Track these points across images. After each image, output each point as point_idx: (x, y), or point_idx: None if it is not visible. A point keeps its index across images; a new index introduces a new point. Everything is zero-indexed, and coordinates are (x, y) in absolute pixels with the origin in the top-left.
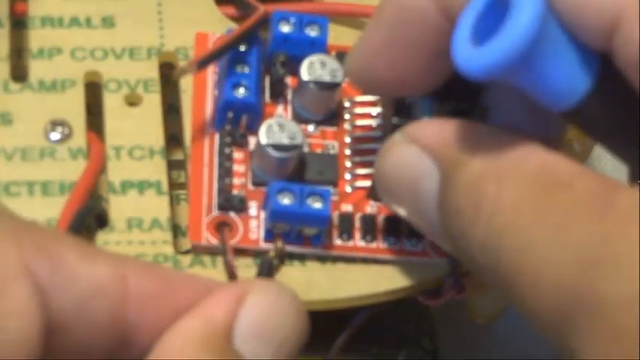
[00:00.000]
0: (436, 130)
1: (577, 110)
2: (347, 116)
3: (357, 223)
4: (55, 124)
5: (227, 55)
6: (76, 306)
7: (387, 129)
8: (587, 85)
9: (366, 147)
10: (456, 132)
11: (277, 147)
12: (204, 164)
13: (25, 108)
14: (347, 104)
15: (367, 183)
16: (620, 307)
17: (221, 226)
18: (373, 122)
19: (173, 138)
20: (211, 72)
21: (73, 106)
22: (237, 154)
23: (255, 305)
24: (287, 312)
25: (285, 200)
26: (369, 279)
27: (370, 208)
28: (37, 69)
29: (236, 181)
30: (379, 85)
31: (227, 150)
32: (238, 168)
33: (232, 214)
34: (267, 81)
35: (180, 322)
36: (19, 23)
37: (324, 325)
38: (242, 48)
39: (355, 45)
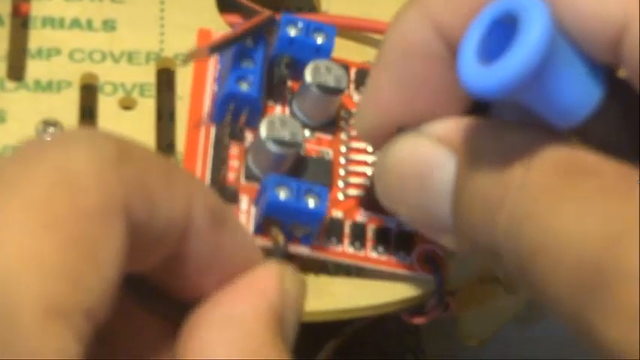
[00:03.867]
0: (451, 124)
1: (585, 126)
2: (343, 126)
3: (347, 230)
4: (47, 124)
5: (232, 49)
6: (152, 239)
7: None
8: (595, 100)
9: (361, 158)
10: (473, 125)
11: (277, 142)
12: (197, 155)
13: (20, 107)
14: (344, 115)
15: (359, 192)
16: None
17: None
18: None
19: (168, 146)
20: (212, 67)
21: (66, 107)
22: (233, 149)
23: (290, 296)
24: (303, 308)
25: (282, 194)
26: (351, 293)
27: (360, 217)
28: (34, 69)
29: (230, 174)
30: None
31: (226, 141)
32: (233, 162)
33: None
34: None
35: (245, 298)
36: (20, 23)
37: (305, 339)
38: (248, 44)
39: (363, 97)
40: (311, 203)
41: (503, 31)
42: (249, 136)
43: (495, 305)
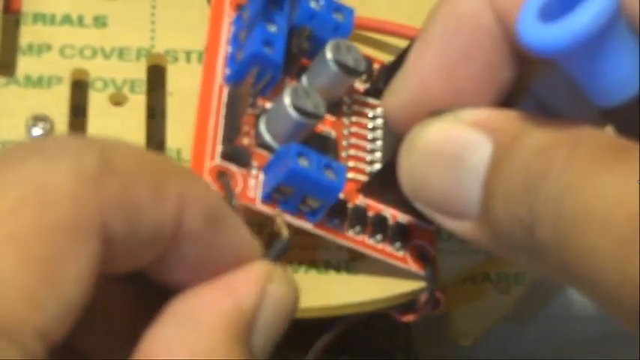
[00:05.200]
0: (487, 111)
1: (622, 109)
2: (346, 111)
3: (349, 212)
4: (37, 119)
5: (256, 11)
6: (138, 244)
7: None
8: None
9: (362, 144)
10: (510, 113)
11: (300, 110)
12: (210, 115)
13: (9, 102)
14: (347, 101)
15: (358, 177)
16: None
17: (222, 176)
18: (370, 123)
19: (159, 142)
20: (225, 28)
21: (57, 102)
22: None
23: (273, 298)
24: (291, 310)
25: (304, 163)
26: (341, 290)
27: (360, 202)
28: (24, 64)
29: (243, 138)
30: (432, 104)
31: (248, 102)
32: (244, 127)
33: (234, 167)
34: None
35: (210, 297)
36: (11, 18)
37: (296, 337)
38: (272, 8)
39: (401, 71)
40: (330, 177)
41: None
42: (260, 104)
43: (486, 304)
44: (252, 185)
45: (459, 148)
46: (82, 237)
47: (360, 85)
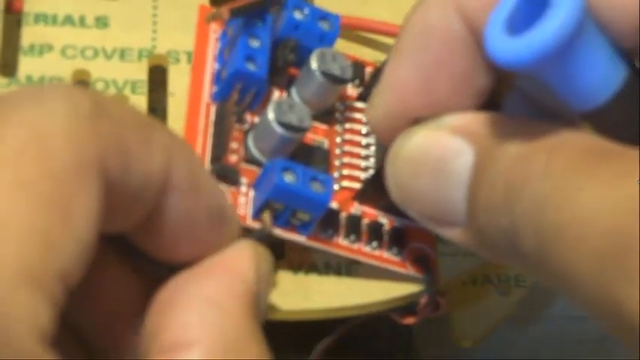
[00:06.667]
0: (469, 116)
1: (600, 111)
2: (339, 118)
3: (343, 222)
4: None
5: (238, 26)
6: (130, 194)
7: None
8: (616, 86)
9: (356, 150)
10: (491, 118)
11: (284, 125)
12: (198, 134)
13: None
14: (340, 107)
15: (353, 185)
16: None
17: None
18: (364, 128)
19: None
20: (212, 45)
21: None
22: (234, 131)
23: (264, 274)
24: (273, 284)
25: (289, 178)
26: (342, 292)
27: (355, 210)
28: (26, 65)
29: (230, 156)
30: (412, 115)
31: (232, 120)
32: (232, 144)
33: (223, 186)
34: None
35: (219, 279)
36: (12, 19)
37: (297, 340)
38: (255, 22)
39: (379, 84)
40: (316, 189)
41: (531, 7)
42: (249, 119)
43: (487, 306)
44: (243, 202)
45: (441, 156)
46: (85, 176)
47: (352, 91)
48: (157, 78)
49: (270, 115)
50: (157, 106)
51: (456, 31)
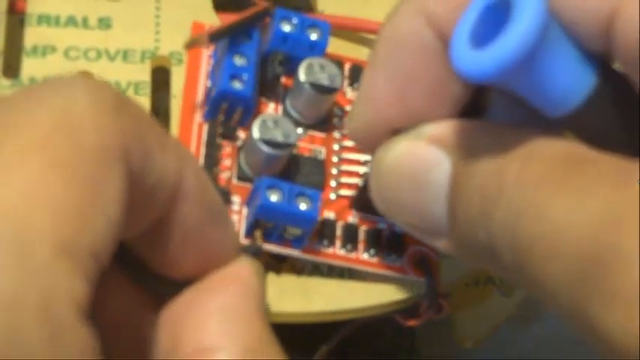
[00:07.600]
0: (445, 125)
1: (575, 116)
2: (336, 124)
3: (339, 231)
4: None
5: (225, 44)
6: (145, 195)
7: None
8: (587, 89)
9: (353, 157)
10: (467, 126)
11: (269, 143)
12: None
13: None
14: (338, 113)
15: (351, 192)
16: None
17: None
18: None
19: None
20: (205, 62)
21: None
22: (226, 148)
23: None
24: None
25: (274, 197)
26: (344, 294)
27: (352, 218)
28: (29, 66)
29: (222, 174)
30: (391, 126)
31: (218, 140)
32: (225, 161)
33: None
34: (260, 79)
35: (232, 291)
36: (15, 20)
37: (300, 341)
38: (241, 39)
39: (356, 97)
40: (303, 206)
41: (496, 17)
42: (241, 135)
43: (489, 307)
44: (236, 220)
45: (420, 170)
46: (112, 159)
47: (352, 95)
48: (160, 79)
49: (255, 133)
50: (160, 107)
51: (427, 41)
